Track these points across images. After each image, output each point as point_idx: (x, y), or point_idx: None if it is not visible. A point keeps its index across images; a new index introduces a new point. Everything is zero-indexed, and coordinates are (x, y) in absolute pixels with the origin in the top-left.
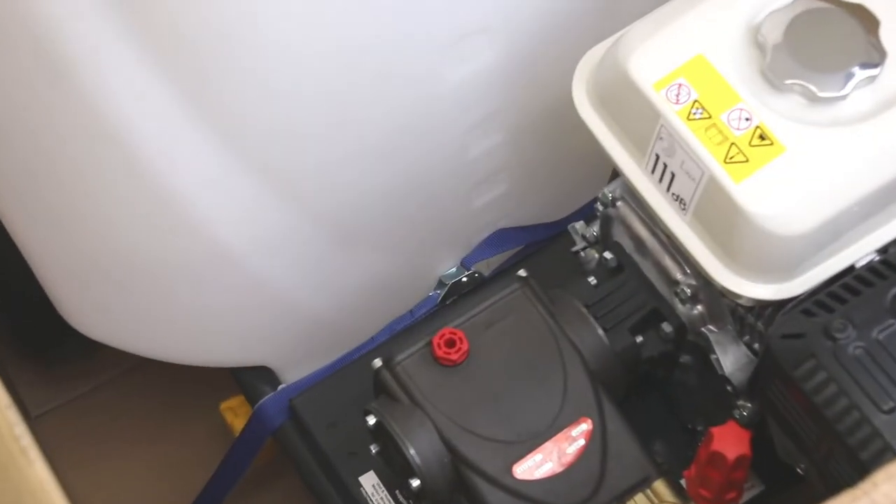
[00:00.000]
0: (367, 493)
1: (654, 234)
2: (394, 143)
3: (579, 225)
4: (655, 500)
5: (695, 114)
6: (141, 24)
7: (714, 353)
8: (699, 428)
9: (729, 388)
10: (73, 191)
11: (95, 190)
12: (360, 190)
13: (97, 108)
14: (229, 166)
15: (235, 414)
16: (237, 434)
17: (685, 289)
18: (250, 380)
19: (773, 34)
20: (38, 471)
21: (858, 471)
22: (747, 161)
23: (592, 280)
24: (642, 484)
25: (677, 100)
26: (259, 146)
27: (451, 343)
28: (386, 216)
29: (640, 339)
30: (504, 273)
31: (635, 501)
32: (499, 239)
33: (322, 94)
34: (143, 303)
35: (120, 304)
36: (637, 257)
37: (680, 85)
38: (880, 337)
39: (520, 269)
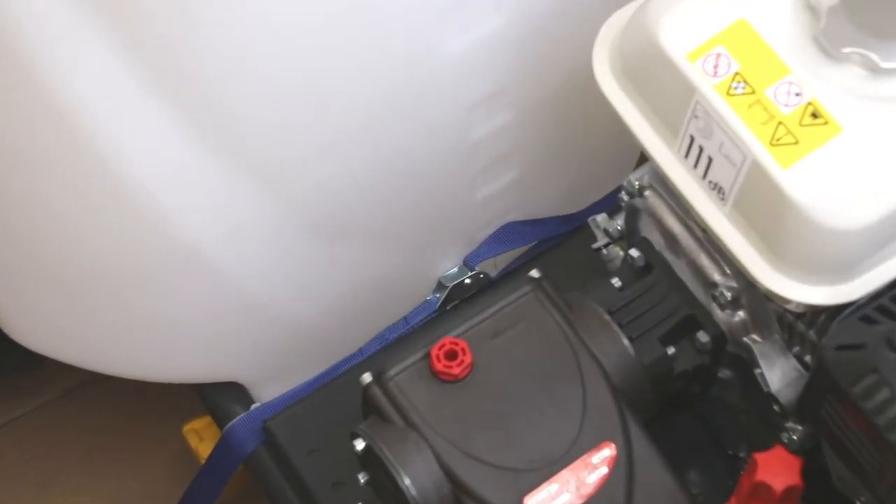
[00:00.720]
0: None
1: (688, 228)
2: (385, 124)
3: (601, 218)
4: None
5: (736, 88)
6: None
7: (758, 366)
8: (741, 454)
9: (776, 407)
10: (13, 182)
11: (38, 180)
12: (345, 178)
13: (45, 86)
14: (193, 150)
15: (201, 437)
16: (203, 461)
17: (725, 292)
18: (218, 398)
19: None
20: None
21: None
22: (797, 143)
23: (616, 282)
24: None
25: (715, 72)
26: (229, 128)
27: (452, 355)
28: (376, 208)
29: (671, 350)
30: (513, 274)
31: None
32: (507, 234)
33: (301, 65)
34: (94, 310)
35: (67, 311)
36: (668, 255)
37: (718, 55)
38: None
39: (532, 269)
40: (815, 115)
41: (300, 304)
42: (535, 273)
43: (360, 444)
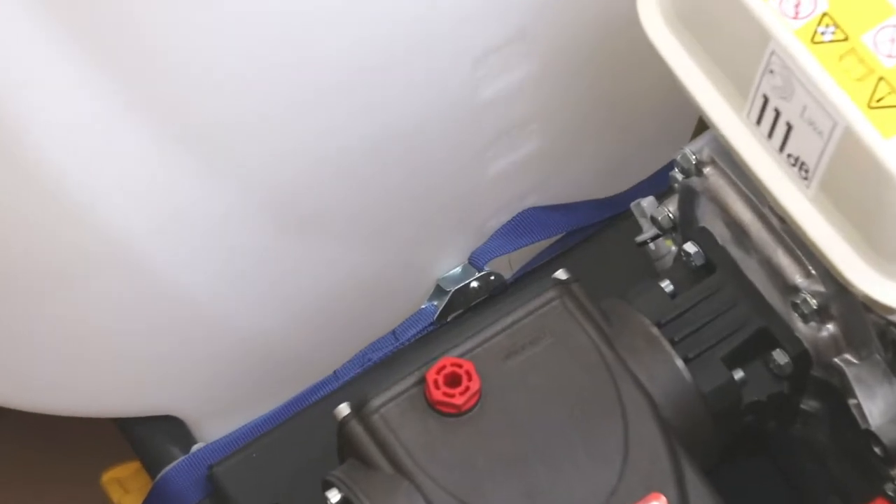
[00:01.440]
0: None
1: (760, 216)
2: (370, 85)
3: (647, 203)
4: None
5: (823, 34)
6: None
7: (854, 396)
8: None
9: (877, 449)
10: None
11: None
12: (320, 153)
13: None
14: (115, 115)
15: (125, 489)
16: None
17: (809, 299)
18: (149, 437)
19: None
20: None
21: None
22: None
23: (667, 285)
24: None
25: (796, 13)
26: (163, 87)
27: (454, 380)
28: (357, 191)
29: (739, 374)
30: (534, 275)
31: None
32: (526, 224)
33: (261, 16)
34: None
35: None
36: (735, 251)
37: None
38: None
39: (558, 269)
40: None
41: (257, 314)
42: (562, 274)
43: (334, 497)
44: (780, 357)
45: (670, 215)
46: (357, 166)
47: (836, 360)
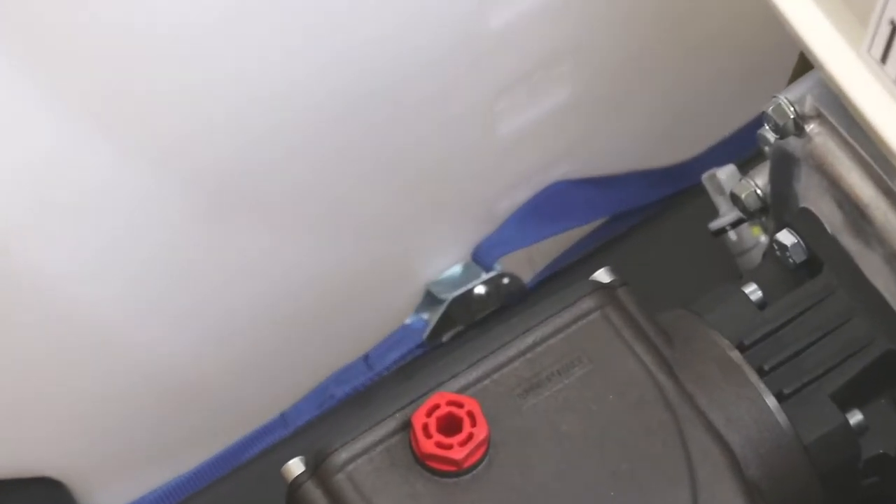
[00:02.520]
0: None
1: (886, 192)
2: (337, 6)
3: (725, 175)
4: None
5: None
6: None
7: None
8: None
9: None
10: None
11: None
12: (244, 96)
13: None
14: None
15: None
16: None
17: None
18: None
19: None
20: None
21: None
22: None
23: (754, 291)
24: None
25: None
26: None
27: (451, 426)
28: (309, 159)
29: (857, 417)
30: (564, 278)
31: None
32: (553, 204)
33: None
34: None
35: None
36: (851, 242)
37: None
38: None
39: (598, 268)
40: None
41: (170, 334)
42: (603, 276)
43: None
44: None
45: (758, 192)
46: (311, 123)
47: None
